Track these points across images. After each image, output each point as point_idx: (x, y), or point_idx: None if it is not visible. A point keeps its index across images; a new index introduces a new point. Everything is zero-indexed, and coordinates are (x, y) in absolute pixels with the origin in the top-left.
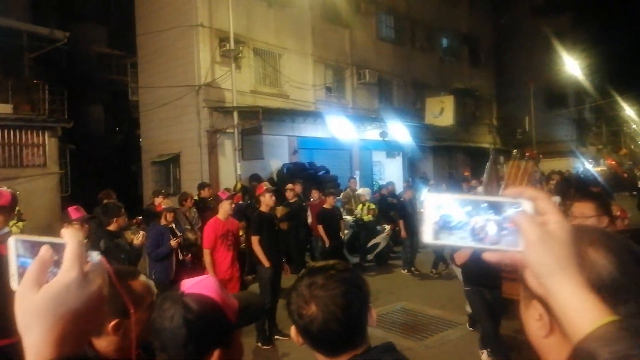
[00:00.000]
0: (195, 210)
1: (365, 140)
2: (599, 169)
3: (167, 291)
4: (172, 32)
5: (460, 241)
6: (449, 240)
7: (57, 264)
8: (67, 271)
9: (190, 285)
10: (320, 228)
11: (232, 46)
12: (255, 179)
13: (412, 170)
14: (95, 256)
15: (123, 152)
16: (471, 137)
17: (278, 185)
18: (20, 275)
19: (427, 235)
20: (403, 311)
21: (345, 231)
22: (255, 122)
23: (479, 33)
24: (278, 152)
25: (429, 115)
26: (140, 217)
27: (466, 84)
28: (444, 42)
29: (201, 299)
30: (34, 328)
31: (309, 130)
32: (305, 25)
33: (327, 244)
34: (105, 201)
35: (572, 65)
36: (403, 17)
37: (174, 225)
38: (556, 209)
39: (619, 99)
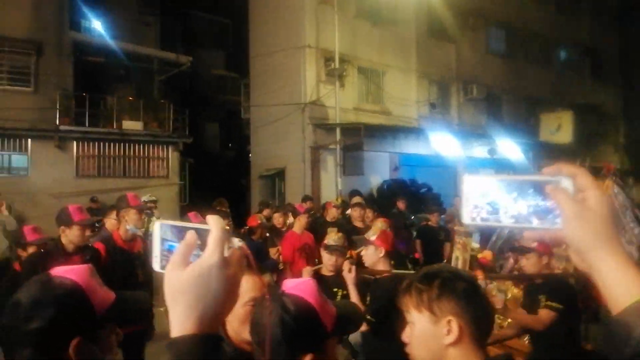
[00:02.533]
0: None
1: (472, 157)
2: None
3: None
4: (281, 54)
5: (501, 222)
6: (488, 221)
7: (201, 247)
8: (211, 254)
9: (291, 286)
10: (418, 244)
11: (337, 65)
12: (354, 194)
13: None
14: (237, 243)
15: (234, 167)
16: (595, 156)
17: (378, 203)
18: (165, 257)
19: (467, 216)
20: None
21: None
22: (357, 138)
23: (602, 44)
24: (379, 169)
25: (544, 131)
26: (247, 227)
27: (587, 99)
28: (562, 54)
29: (299, 302)
30: (179, 303)
31: (411, 147)
32: (409, 42)
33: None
34: (217, 209)
35: None
36: (515, 30)
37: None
38: (596, 185)
39: None
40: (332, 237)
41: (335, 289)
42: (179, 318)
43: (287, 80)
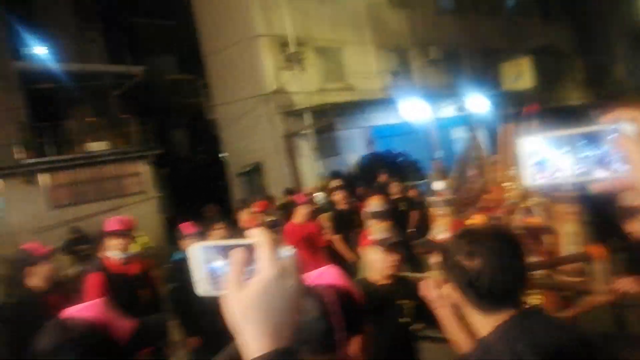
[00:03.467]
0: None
1: (441, 118)
2: None
3: None
4: (235, 48)
5: (563, 178)
6: (550, 179)
7: (249, 263)
8: (267, 268)
9: (316, 276)
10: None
11: (294, 50)
12: (335, 175)
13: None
14: (286, 252)
15: (210, 169)
16: (557, 96)
17: (359, 179)
18: (213, 279)
19: (528, 178)
20: None
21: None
22: (327, 119)
23: None
24: (354, 146)
25: (506, 80)
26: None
27: (541, 42)
28: (510, 1)
29: (332, 289)
30: (249, 323)
31: (382, 119)
32: (360, 14)
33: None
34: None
35: None
36: None
37: None
38: None
39: None
40: (380, 228)
41: (395, 299)
42: (254, 337)
43: (246, 73)
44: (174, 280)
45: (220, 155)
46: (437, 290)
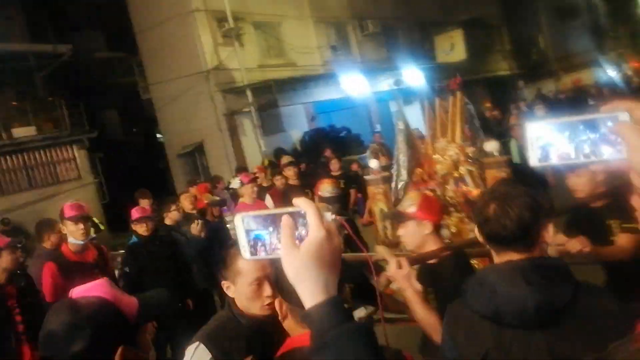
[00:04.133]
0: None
1: (380, 92)
2: (622, 74)
3: None
4: (169, 23)
5: (566, 160)
6: (554, 160)
7: (297, 228)
8: (317, 231)
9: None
10: None
11: (232, 24)
12: (279, 153)
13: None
14: (330, 216)
15: (147, 151)
16: (487, 67)
17: (303, 155)
18: (252, 246)
19: (534, 158)
20: None
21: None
22: (269, 96)
23: None
24: (297, 122)
25: (440, 53)
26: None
27: (470, 13)
28: None
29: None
30: (305, 279)
31: (323, 94)
32: None
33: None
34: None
35: None
36: None
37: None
38: None
39: None
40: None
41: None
42: (309, 291)
43: (183, 50)
44: (129, 265)
45: (157, 136)
46: (403, 271)
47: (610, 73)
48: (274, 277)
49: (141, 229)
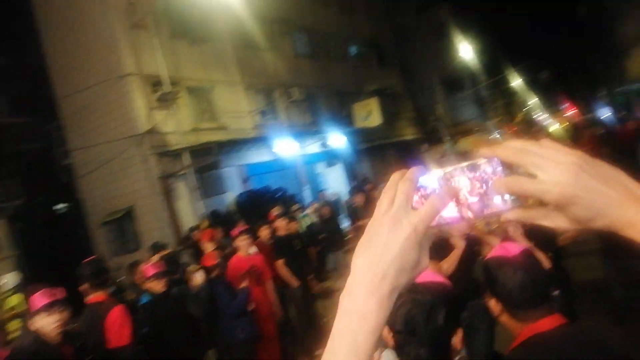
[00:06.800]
0: None
1: (307, 154)
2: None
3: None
4: (98, 88)
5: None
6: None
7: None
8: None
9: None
10: (280, 265)
11: (168, 89)
12: (216, 215)
13: (353, 175)
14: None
15: (66, 220)
16: (396, 132)
17: (237, 217)
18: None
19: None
20: None
21: None
22: (204, 159)
23: (380, 36)
24: (232, 185)
25: (358, 119)
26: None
27: (379, 85)
28: (353, 49)
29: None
30: None
31: (254, 156)
32: (228, 55)
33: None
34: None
35: (463, 50)
36: (313, 32)
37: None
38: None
39: (507, 74)
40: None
41: None
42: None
43: (114, 114)
44: (147, 324)
45: (73, 203)
46: None
47: (494, 138)
48: None
49: (158, 286)
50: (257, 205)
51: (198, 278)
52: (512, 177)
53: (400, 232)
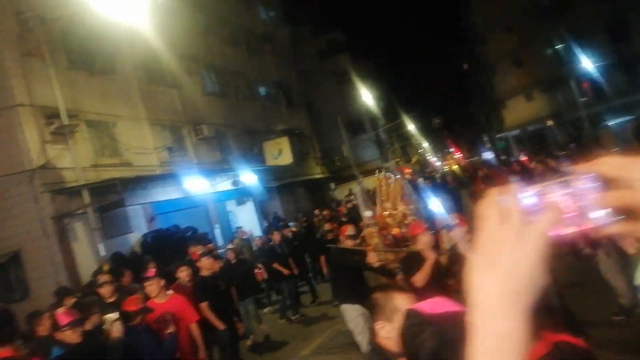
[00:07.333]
0: None
1: (217, 192)
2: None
3: None
4: None
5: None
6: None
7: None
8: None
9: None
10: (204, 308)
11: (66, 121)
12: (118, 257)
13: (263, 212)
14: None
15: None
16: (305, 171)
17: (143, 258)
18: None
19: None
20: None
21: None
22: (108, 196)
23: (287, 78)
24: (135, 224)
25: (268, 157)
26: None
27: (288, 125)
28: (261, 90)
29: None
30: None
31: (161, 194)
32: (132, 90)
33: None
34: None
35: (364, 96)
36: (222, 71)
37: None
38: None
39: (402, 119)
40: None
41: None
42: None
43: (1, 147)
44: None
45: None
46: None
47: (393, 178)
48: None
49: (73, 336)
50: (165, 245)
51: (118, 327)
52: (621, 190)
53: (525, 247)
